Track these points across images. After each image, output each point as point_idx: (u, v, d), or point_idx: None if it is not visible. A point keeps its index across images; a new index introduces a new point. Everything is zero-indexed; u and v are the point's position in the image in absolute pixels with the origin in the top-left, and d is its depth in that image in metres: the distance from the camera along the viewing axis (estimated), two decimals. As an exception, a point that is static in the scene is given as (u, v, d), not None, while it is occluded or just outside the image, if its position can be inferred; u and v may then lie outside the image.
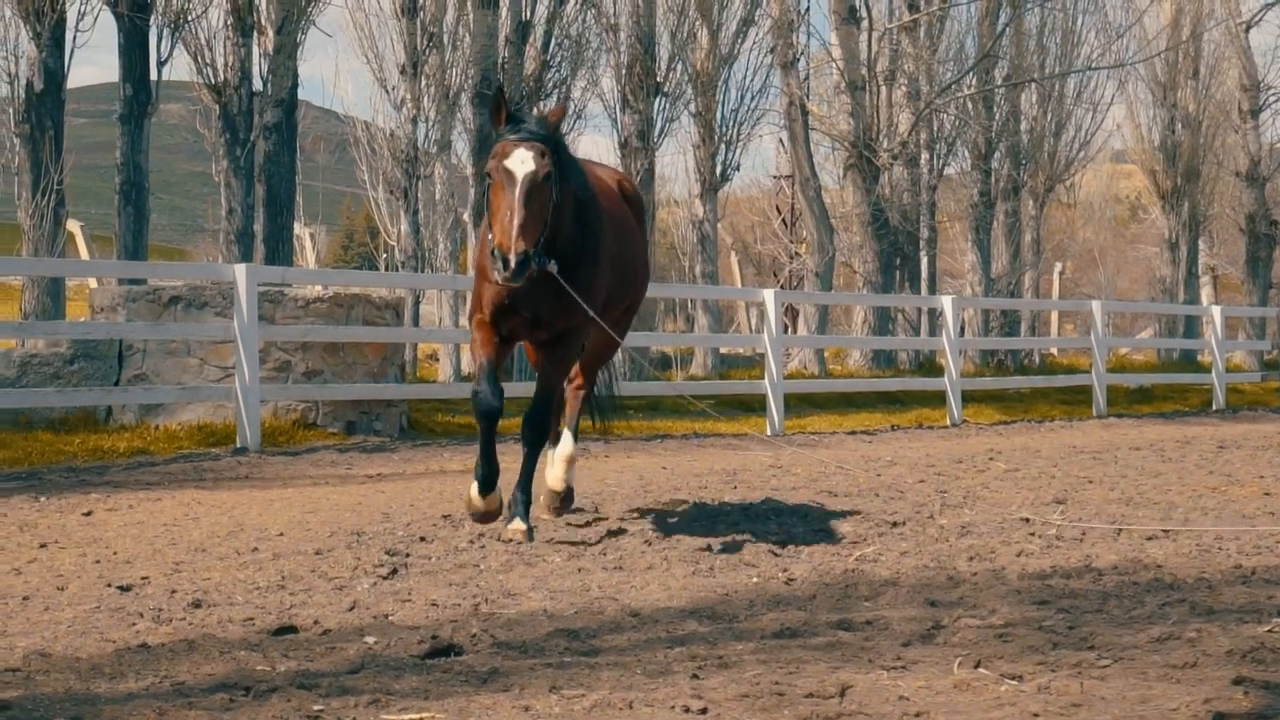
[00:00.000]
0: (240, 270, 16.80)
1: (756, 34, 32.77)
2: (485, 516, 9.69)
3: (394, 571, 8.36)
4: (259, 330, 16.83)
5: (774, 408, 21.63)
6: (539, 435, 9.82)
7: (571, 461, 10.63)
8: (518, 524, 9.58)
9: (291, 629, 6.60)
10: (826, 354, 32.02)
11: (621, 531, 10.04)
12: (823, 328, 32.61)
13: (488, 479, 9.61)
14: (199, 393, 17.04)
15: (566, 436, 10.72)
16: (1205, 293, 46.23)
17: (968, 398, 26.13)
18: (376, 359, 18.50)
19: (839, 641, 6.14)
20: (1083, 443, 19.40)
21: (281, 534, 10.04)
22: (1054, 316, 48.79)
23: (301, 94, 27.84)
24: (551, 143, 9.22)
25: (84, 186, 75.62)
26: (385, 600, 7.43)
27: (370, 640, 6.27)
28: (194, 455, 15.94)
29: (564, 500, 10.55)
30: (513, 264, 8.70)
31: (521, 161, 8.98)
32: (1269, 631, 6.08)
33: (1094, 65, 39.18)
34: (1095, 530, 9.84)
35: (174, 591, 7.78)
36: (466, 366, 27.24)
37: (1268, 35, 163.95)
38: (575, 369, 11.12)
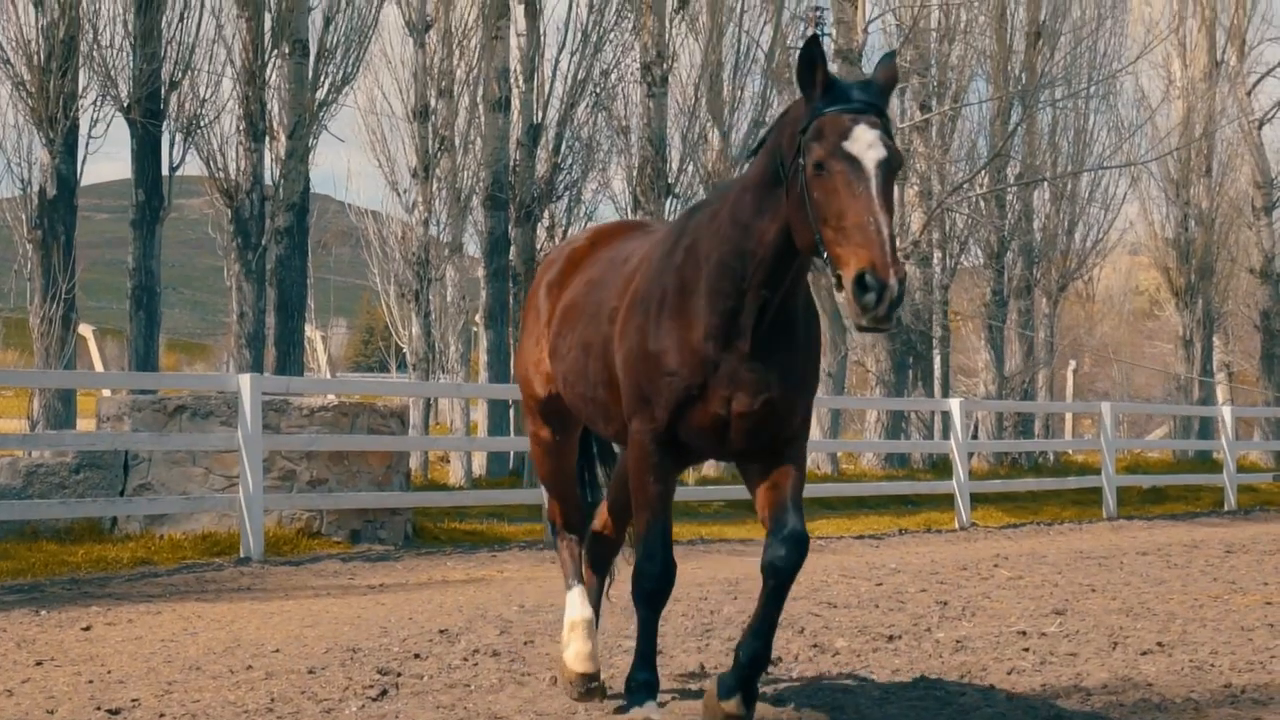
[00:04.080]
0: (245, 380, 16.88)
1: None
2: None
3: (384, 693, 8.34)
4: (263, 440, 16.90)
5: (782, 511, 21.45)
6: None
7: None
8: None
9: (272, 757, 6.61)
10: (839, 452, 31.98)
11: (616, 648, 10.00)
12: (835, 426, 32.58)
13: (652, 687, 7.22)
14: (203, 502, 17.07)
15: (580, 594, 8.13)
16: (1220, 390, 46.14)
17: (978, 499, 26.03)
18: (381, 467, 18.52)
19: (817, 771, 6.14)
20: (1090, 546, 19.35)
21: (277, 650, 10.04)
22: (1068, 415, 48.69)
23: (319, 189, 28.08)
24: (889, 121, 6.19)
25: (103, 282, 75.91)
26: (370, 725, 7.43)
27: (349, 770, 6.27)
28: (197, 566, 15.96)
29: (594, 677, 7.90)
30: (892, 292, 5.76)
31: (870, 145, 5.98)
32: (1249, 760, 6.07)
33: (1106, 164, 39.31)
34: (1090, 644, 9.81)
35: (162, 715, 7.79)
36: (477, 469, 27.25)
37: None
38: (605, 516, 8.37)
